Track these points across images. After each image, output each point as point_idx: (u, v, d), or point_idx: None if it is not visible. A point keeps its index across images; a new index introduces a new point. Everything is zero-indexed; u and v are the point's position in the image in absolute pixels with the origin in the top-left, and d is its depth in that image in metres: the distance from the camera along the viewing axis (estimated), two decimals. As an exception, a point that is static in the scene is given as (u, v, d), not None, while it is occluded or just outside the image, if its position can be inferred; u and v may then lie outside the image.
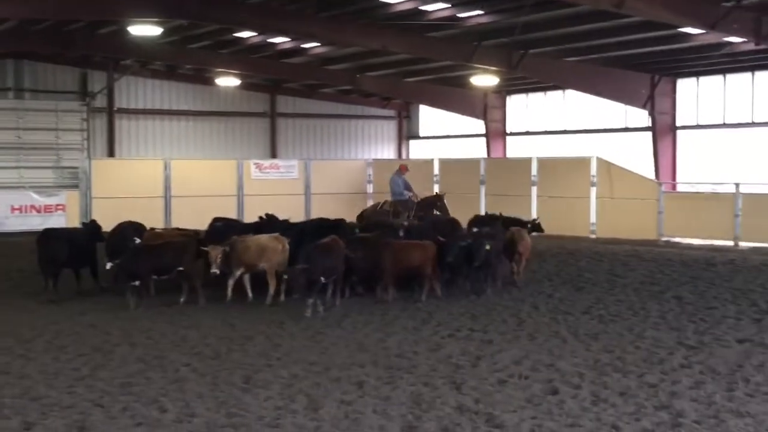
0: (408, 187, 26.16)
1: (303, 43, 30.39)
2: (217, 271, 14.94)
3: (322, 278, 13.94)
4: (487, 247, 15.15)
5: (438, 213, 24.32)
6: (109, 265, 15.25)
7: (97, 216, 21.42)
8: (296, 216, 22.54)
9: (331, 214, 23.59)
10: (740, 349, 11.39)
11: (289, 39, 29.54)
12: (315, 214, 26.33)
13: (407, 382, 9.85)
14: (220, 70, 33.63)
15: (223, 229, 17.77)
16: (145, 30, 24.09)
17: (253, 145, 38.16)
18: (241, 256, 15.11)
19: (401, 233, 17.57)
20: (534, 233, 19.14)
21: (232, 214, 24.47)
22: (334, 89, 39.40)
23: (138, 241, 16.30)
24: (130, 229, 17.28)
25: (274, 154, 37.90)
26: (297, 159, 33.42)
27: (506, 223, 19.00)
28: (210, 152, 36.26)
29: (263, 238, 15.91)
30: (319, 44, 30.29)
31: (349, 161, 37.54)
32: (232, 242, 15.23)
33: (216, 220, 19.26)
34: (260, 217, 18.45)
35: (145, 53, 31.71)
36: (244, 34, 28.91)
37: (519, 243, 16.90)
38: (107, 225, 18.13)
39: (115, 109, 35.40)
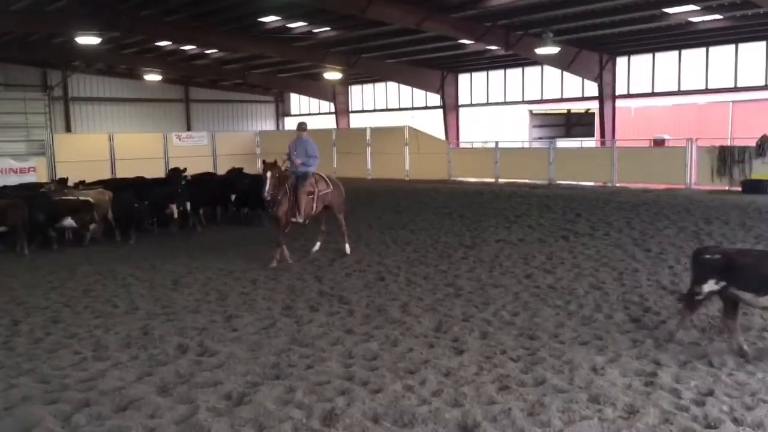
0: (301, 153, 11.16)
1: (206, 50, 29.12)
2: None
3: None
4: None
5: None
6: None
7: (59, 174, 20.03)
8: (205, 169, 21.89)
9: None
10: (497, 246, 11.88)
11: (195, 47, 28.22)
12: (220, 171, 25.45)
13: (286, 278, 9.86)
14: (146, 69, 31.81)
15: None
16: (88, 40, 22.35)
17: (173, 122, 36.65)
18: None
19: None
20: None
21: (160, 172, 23.35)
22: (230, 82, 38.13)
23: None
24: None
25: (189, 128, 36.58)
26: (206, 131, 32.22)
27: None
28: (142, 128, 34.45)
29: None
30: (217, 50, 29.11)
31: (242, 133, 36.59)
32: None
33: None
34: None
35: (89, 56, 29.59)
36: (163, 43, 27.38)
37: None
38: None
39: (70, 97, 33.13)
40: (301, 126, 11.43)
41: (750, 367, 5.79)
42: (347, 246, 11.62)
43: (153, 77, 32.86)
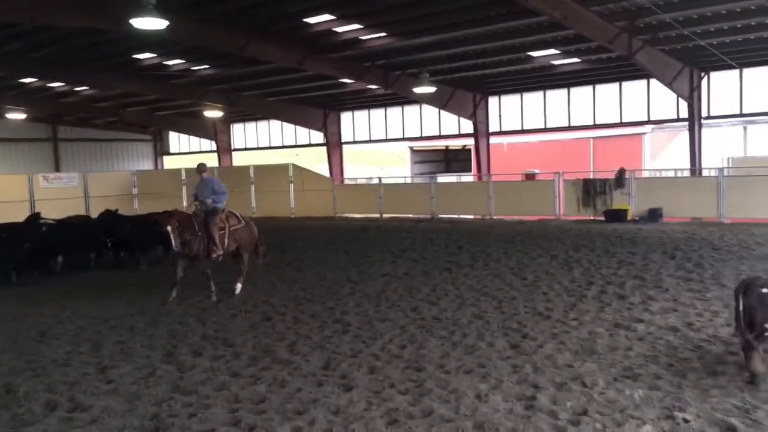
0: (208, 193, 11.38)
1: (76, 87, 27.72)
2: None
3: None
4: None
5: None
6: None
7: None
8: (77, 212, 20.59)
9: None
10: (383, 281, 11.94)
11: (64, 84, 26.79)
12: (94, 213, 24.04)
13: (167, 324, 9.42)
14: (9, 106, 29.74)
15: None
16: (-59, 75, 20.68)
17: (40, 163, 34.46)
18: None
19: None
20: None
21: (24, 216, 21.69)
22: (103, 120, 36.47)
23: None
24: None
25: (58, 169, 34.46)
26: (77, 172, 30.41)
27: None
28: (4, 170, 32.10)
29: None
30: (89, 88, 27.79)
31: (117, 172, 34.79)
32: None
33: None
34: None
35: (-57, 93, 27.35)
36: (28, 79, 25.78)
37: None
38: None
39: None
40: (201, 167, 11.67)
41: (618, 385, 6.18)
42: (239, 286, 11.36)
43: (16, 115, 30.78)
